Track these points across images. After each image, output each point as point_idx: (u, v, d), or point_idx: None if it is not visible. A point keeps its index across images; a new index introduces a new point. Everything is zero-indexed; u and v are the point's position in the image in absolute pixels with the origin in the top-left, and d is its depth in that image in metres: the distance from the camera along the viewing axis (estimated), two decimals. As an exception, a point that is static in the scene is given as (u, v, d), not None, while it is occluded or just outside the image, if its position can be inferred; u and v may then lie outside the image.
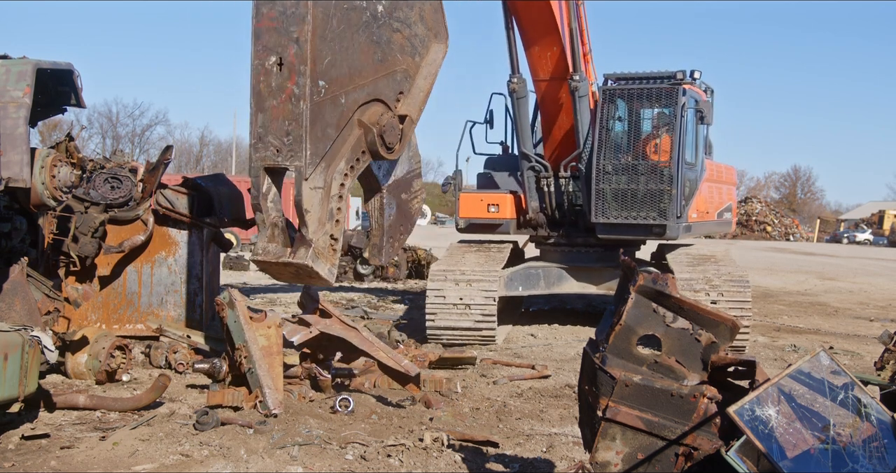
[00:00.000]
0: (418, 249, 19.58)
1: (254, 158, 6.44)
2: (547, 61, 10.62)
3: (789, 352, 10.36)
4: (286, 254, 6.47)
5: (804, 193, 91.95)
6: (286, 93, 6.36)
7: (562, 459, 5.67)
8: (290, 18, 6.36)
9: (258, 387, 6.45)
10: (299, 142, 6.37)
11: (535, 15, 10.13)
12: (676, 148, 10.42)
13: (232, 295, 6.88)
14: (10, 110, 6.72)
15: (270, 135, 6.39)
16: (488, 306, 10.19)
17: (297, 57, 6.35)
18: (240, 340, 6.67)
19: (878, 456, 3.24)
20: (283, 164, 6.38)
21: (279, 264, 6.51)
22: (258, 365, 6.50)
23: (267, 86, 6.37)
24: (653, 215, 10.52)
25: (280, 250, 6.50)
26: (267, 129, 6.39)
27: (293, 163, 6.38)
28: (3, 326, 5.66)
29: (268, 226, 6.50)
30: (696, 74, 10.80)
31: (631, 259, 4.31)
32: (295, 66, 6.35)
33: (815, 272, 24.80)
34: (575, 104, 10.64)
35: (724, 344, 3.71)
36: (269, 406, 6.36)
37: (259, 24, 6.36)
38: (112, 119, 74.66)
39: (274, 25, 6.35)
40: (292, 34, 6.36)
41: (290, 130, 6.37)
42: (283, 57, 6.34)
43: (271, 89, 6.37)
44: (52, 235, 8.21)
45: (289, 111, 6.37)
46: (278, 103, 6.37)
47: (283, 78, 6.35)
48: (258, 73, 6.37)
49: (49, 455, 5.44)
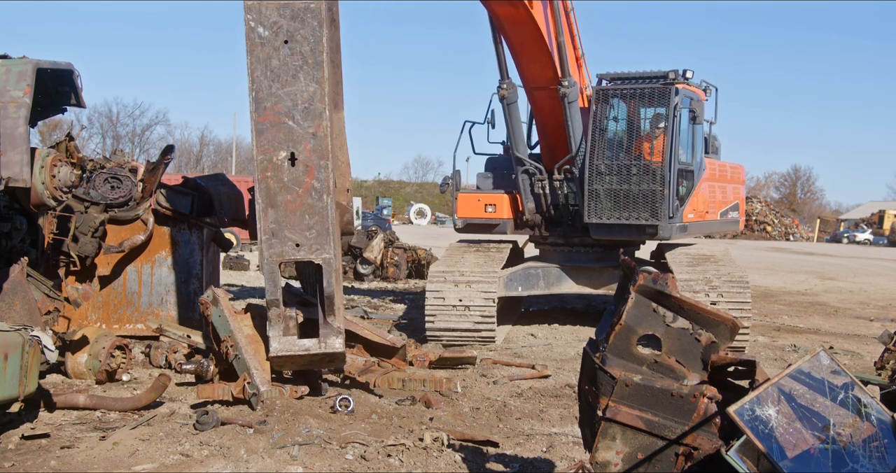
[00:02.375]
0: (418, 249, 19.58)
1: (267, 254, 6.35)
2: (536, 71, 10.62)
3: (789, 352, 10.36)
4: (315, 346, 6.50)
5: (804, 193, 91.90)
6: (304, 188, 6.31)
7: (562, 459, 5.67)
8: (305, 113, 6.31)
9: (245, 370, 6.58)
10: (325, 235, 6.36)
11: (522, 34, 10.13)
12: (669, 148, 10.40)
13: (215, 292, 6.93)
14: (10, 110, 6.72)
15: (287, 229, 6.32)
16: (488, 307, 10.18)
17: (316, 151, 6.33)
18: (225, 332, 6.79)
19: (878, 456, 3.24)
20: (308, 258, 6.37)
21: (307, 356, 6.53)
22: (244, 351, 6.66)
23: (278, 181, 6.30)
24: (645, 215, 10.51)
25: (306, 342, 6.51)
26: (281, 225, 6.33)
27: (320, 256, 6.37)
28: (3, 326, 5.66)
29: (282, 320, 6.48)
30: (689, 74, 10.78)
31: (631, 259, 4.31)
32: (313, 160, 6.33)
33: (815, 272, 24.81)
34: (565, 110, 10.64)
35: (724, 344, 3.71)
36: (256, 385, 6.47)
37: (262, 118, 6.29)
38: (112, 119, 74.66)
39: (281, 120, 6.29)
40: (308, 129, 6.33)
41: (313, 224, 6.33)
42: (297, 151, 6.30)
43: (283, 184, 6.30)
44: (52, 235, 8.21)
45: (309, 205, 6.32)
46: (294, 198, 6.31)
47: (299, 173, 6.31)
48: (264, 169, 6.28)
49: (49, 455, 5.44)
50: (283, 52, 6.30)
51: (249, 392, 6.47)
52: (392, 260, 18.58)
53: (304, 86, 6.32)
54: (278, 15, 6.30)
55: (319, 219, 6.36)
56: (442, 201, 69.85)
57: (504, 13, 9.91)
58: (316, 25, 6.35)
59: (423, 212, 66.34)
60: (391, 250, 18.78)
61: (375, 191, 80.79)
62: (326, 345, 6.50)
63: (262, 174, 6.29)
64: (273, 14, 6.30)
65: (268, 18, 6.29)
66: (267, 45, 6.29)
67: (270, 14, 6.30)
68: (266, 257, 6.37)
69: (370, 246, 18.20)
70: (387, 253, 18.59)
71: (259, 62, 6.28)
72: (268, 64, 6.29)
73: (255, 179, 6.32)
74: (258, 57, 6.28)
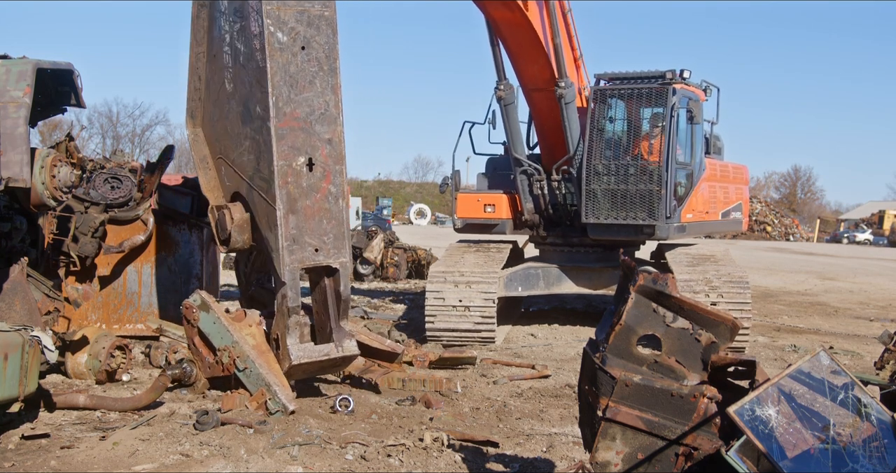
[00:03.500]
0: (418, 249, 19.58)
1: (289, 260, 6.35)
2: (533, 73, 10.61)
3: (789, 352, 10.36)
4: (333, 350, 6.55)
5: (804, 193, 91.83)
6: (321, 193, 6.38)
7: (562, 459, 5.67)
8: (321, 118, 6.36)
9: (265, 387, 6.39)
10: (341, 239, 6.45)
11: (518, 36, 10.13)
12: (666, 148, 10.38)
13: (202, 296, 6.83)
14: (10, 110, 6.72)
15: (306, 235, 6.38)
16: (487, 307, 10.18)
17: (332, 157, 6.40)
18: (226, 341, 6.61)
19: (878, 456, 3.24)
20: (326, 263, 6.43)
21: (327, 361, 6.56)
22: (257, 364, 6.47)
23: (297, 187, 6.34)
24: (642, 216, 10.49)
25: (324, 348, 6.56)
26: (302, 230, 6.37)
27: (338, 259, 6.45)
28: (3, 326, 5.66)
29: (299, 327, 6.50)
30: (686, 74, 10.77)
31: (631, 259, 4.31)
32: (329, 165, 6.40)
33: (815, 272, 24.80)
34: (563, 111, 10.63)
35: (724, 344, 3.71)
36: (284, 404, 6.29)
37: (282, 124, 6.27)
38: (112, 119, 74.61)
39: (300, 125, 6.31)
40: (323, 135, 6.37)
41: (330, 229, 6.43)
42: (314, 157, 6.34)
43: (303, 190, 6.35)
44: (52, 235, 8.21)
45: (327, 210, 6.40)
46: (312, 203, 6.37)
47: (317, 178, 6.36)
48: (285, 174, 6.29)
49: (49, 455, 5.44)
50: (300, 58, 6.32)
51: (273, 409, 6.28)
52: (392, 261, 18.58)
53: (321, 92, 6.36)
54: (296, 21, 6.30)
55: (336, 223, 6.42)
56: (442, 201, 69.83)
57: (500, 16, 9.91)
58: (330, 33, 6.39)
59: (423, 212, 66.32)
60: (391, 250, 18.78)
61: (375, 191, 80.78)
62: (343, 349, 6.54)
63: (283, 180, 6.27)
64: (291, 20, 6.29)
65: (286, 23, 6.27)
66: (286, 51, 6.28)
67: (288, 19, 6.28)
68: (288, 263, 6.33)
69: (370, 246, 18.19)
70: (387, 254, 18.59)
71: (279, 68, 6.25)
72: (287, 69, 6.28)
73: (276, 185, 6.25)
74: (278, 62, 6.24)
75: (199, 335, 6.81)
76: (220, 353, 6.62)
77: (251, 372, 6.46)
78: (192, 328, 6.83)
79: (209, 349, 6.78)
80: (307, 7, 6.32)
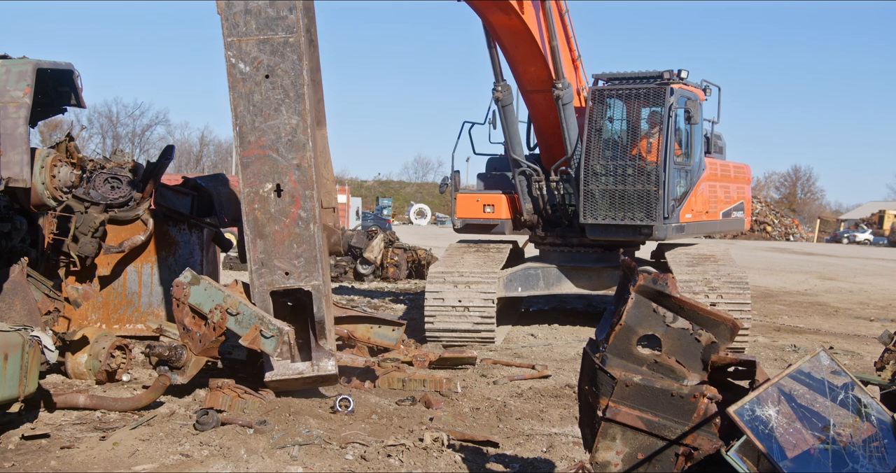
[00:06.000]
0: (418, 249, 19.58)
1: (258, 283, 6.51)
2: (530, 74, 10.61)
3: (789, 352, 10.36)
4: (308, 369, 6.62)
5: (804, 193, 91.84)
6: (290, 218, 6.46)
7: (562, 459, 5.67)
8: (289, 145, 6.44)
9: (257, 321, 6.41)
10: (314, 263, 6.52)
11: (515, 39, 10.13)
12: (664, 148, 10.38)
13: (192, 272, 6.73)
14: (10, 110, 6.72)
15: (276, 259, 6.49)
16: (487, 308, 10.18)
17: (301, 182, 6.46)
18: (217, 300, 6.53)
19: (878, 456, 3.24)
20: (297, 286, 6.52)
21: (301, 379, 6.64)
22: (247, 306, 6.53)
23: (265, 212, 6.46)
24: (640, 216, 10.49)
25: (300, 366, 6.63)
26: (270, 254, 6.49)
27: (309, 283, 6.52)
28: (3, 326, 5.66)
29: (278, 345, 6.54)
30: (684, 74, 10.77)
31: (631, 259, 4.31)
32: (299, 191, 6.47)
33: (815, 272, 24.80)
34: (560, 111, 10.63)
35: (724, 344, 3.71)
36: (277, 326, 6.38)
37: (246, 152, 6.42)
38: (112, 119, 74.65)
39: (265, 153, 6.42)
40: (292, 160, 6.45)
41: (301, 252, 6.50)
42: (282, 183, 6.44)
43: (270, 215, 6.46)
44: (52, 235, 8.21)
45: (297, 235, 6.48)
46: (281, 228, 6.47)
47: (285, 203, 6.45)
48: (251, 201, 6.44)
49: (49, 455, 5.44)
50: (264, 87, 6.43)
51: (268, 334, 6.30)
52: (392, 261, 18.58)
53: (287, 119, 6.45)
54: (258, 50, 6.41)
55: (307, 247, 6.51)
56: (442, 201, 69.83)
57: (496, 20, 9.91)
58: (296, 59, 6.44)
59: (423, 212, 66.32)
60: (391, 250, 18.78)
61: (375, 192, 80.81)
62: (319, 368, 6.64)
63: (250, 206, 6.44)
64: (253, 50, 6.41)
65: (248, 54, 6.40)
66: (248, 81, 6.42)
67: (251, 50, 6.40)
68: (257, 286, 6.53)
69: (370, 246, 18.10)
70: (387, 254, 18.59)
71: (241, 98, 6.42)
72: (250, 99, 6.42)
73: (243, 211, 6.47)
74: (240, 92, 6.42)
75: (190, 310, 6.69)
76: (211, 313, 6.55)
77: (244, 315, 6.50)
78: (182, 307, 6.67)
79: (202, 319, 6.65)
80: (270, 36, 6.40)
